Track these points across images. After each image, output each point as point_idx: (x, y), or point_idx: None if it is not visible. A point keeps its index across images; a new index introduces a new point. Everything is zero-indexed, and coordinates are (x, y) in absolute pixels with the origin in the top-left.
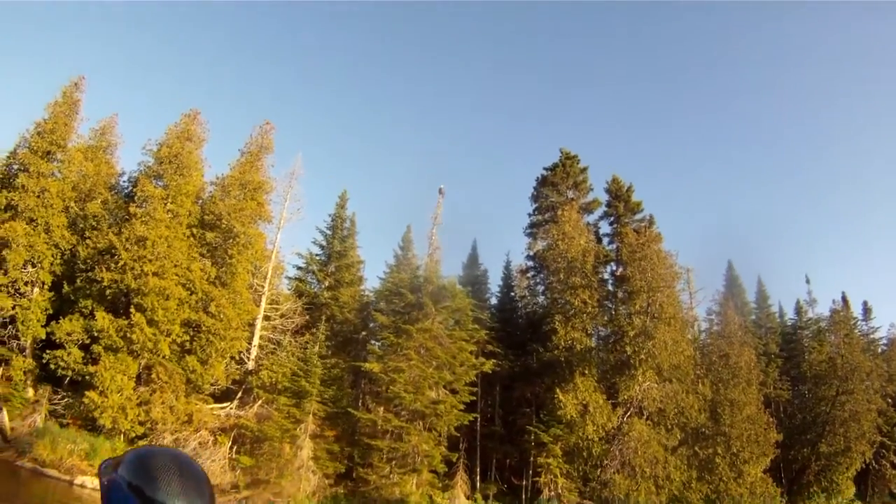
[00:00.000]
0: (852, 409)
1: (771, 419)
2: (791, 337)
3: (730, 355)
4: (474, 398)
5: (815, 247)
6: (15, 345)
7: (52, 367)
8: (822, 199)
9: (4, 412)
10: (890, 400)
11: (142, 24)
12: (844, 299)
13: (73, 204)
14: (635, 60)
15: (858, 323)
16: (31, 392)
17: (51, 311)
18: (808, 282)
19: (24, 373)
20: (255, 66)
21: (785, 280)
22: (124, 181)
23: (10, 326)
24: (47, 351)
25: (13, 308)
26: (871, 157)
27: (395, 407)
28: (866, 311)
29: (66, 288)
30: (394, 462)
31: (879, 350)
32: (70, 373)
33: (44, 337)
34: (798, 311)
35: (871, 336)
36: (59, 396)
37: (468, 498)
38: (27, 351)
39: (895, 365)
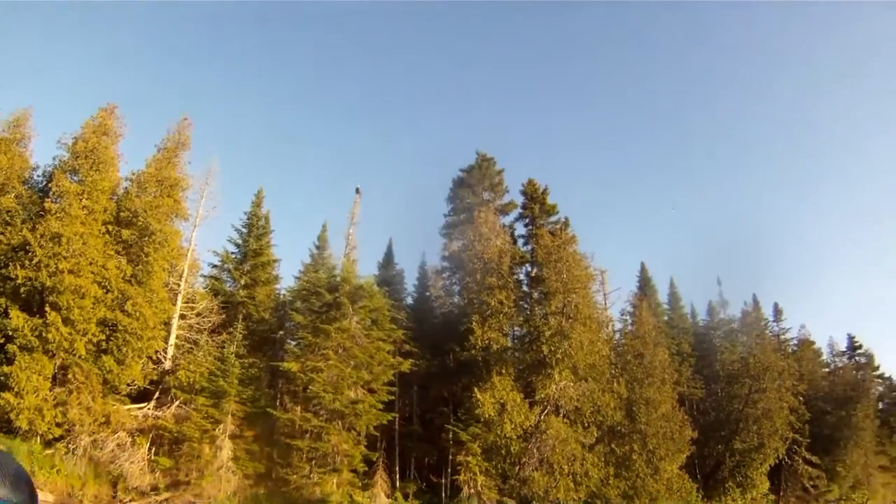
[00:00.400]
0: (765, 406)
1: (686, 417)
2: (703, 337)
3: (644, 355)
4: (392, 398)
5: (728, 249)
6: None
7: None
8: (734, 202)
9: None
10: (801, 398)
11: (59, 16)
12: (755, 301)
13: None
14: (550, 59)
15: (770, 324)
16: None
17: None
18: (719, 283)
19: None
20: (171, 62)
21: (697, 282)
22: (38, 175)
23: None
24: None
25: None
26: (784, 159)
27: (315, 406)
28: (777, 312)
29: None
30: (314, 462)
31: (790, 350)
32: None
33: None
34: (710, 311)
35: (783, 336)
36: None
37: (388, 497)
38: None
39: (805, 364)
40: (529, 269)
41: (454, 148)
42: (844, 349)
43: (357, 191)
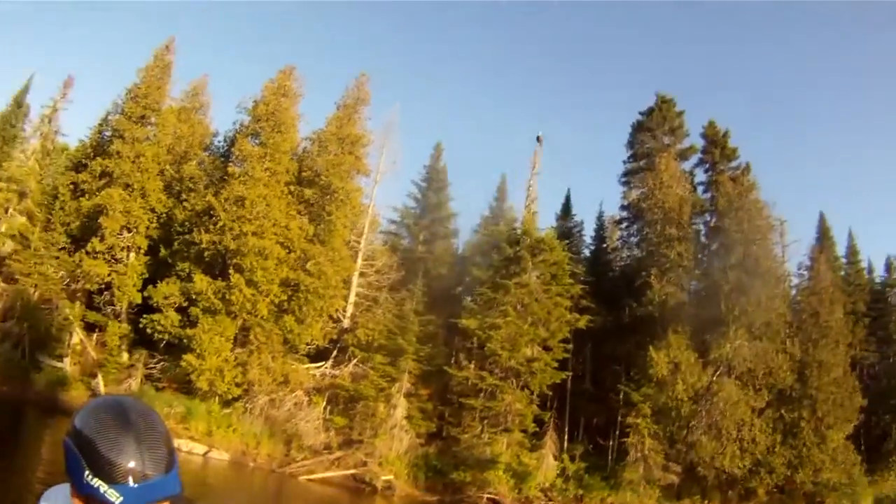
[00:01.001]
0: None
1: (856, 383)
2: (880, 295)
3: (820, 314)
4: (567, 355)
5: None
6: (110, 311)
7: (149, 331)
8: None
9: (99, 377)
10: None
11: None
12: None
13: (168, 167)
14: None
15: None
16: (125, 357)
17: (146, 276)
18: None
19: (120, 338)
20: (344, 16)
21: (877, 235)
22: (219, 141)
23: (105, 293)
24: (144, 315)
25: (109, 275)
26: None
27: (490, 364)
28: None
29: (162, 251)
30: (486, 421)
31: None
32: (167, 336)
33: (139, 302)
34: (889, 267)
35: None
36: (155, 360)
37: (556, 458)
38: (122, 316)
39: None
40: (708, 218)
41: (635, 91)
42: None
43: (538, 139)
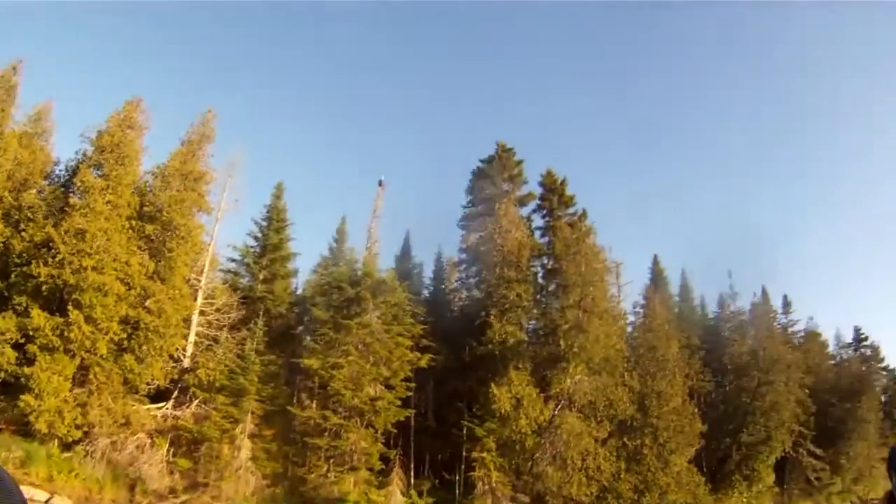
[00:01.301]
0: (773, 399)
1: (695, 410)
2: (713, 329)
3: (657, 348)
4: (409, 394)
5: (738, 242)
6: None
7: None
8: (744, 198)
9: None
10: (807, 390)
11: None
12: (765, 293)
13: (6, 194)
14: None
15: (778, 316)
16: None
17: None
18: (730, 276)
19: None
20: (191, 55)
21: (707, 274)
22: (60, 170)
23: None
24: None
25: None
26: (792, 156)
27: (334, 404)
28: (786, 304)
29: None
30: (332, 460)
31: (797, 342)
32: (3, 374)
33: None
34: (720, 304)
35: (791, 329)
36: None
37: (404, 494)
38: None
39: (812, 356)
40: (546, 261)
41: (473, 141)
42: (850, 341)
43: (380, 183)
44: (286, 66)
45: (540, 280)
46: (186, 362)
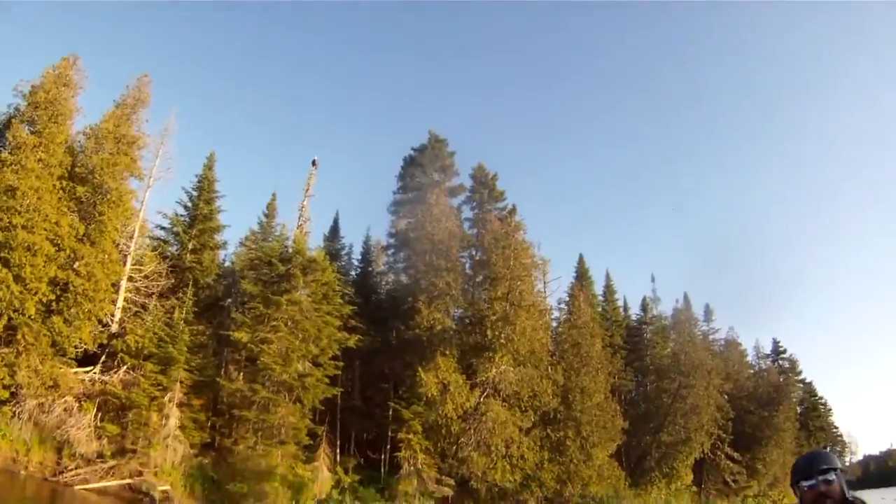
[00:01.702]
0: (693, 402)
1: (617, 407)
2: (635, 331)
3: (581, 345)
4: (338, 372)
5: (660, 247)
6: None
7: None
8: (669, 203)
9: None
10: (726, 396)
11: None
12: (686, 299)
13: None
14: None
15: (700, 323)
16: None
17: None
18: (653, 280)
19: None
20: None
21: (630, 276)
22: None
23: None
24: None
25: None
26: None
27: (262, 378)
28: (707, 312)
29: None
30: (260, 433)
31: (718, 349)
32: None
33: None
34: (644, 307)
35: (711, 336)
36: None
37: (330, 470)
38: None
39: (731, 364)
40: (474, 253)
41: (406, 127)
42: (769, 352)
43: (314, 163)
44: (228, 39)
45: (468, 270)
46: (114, 328)
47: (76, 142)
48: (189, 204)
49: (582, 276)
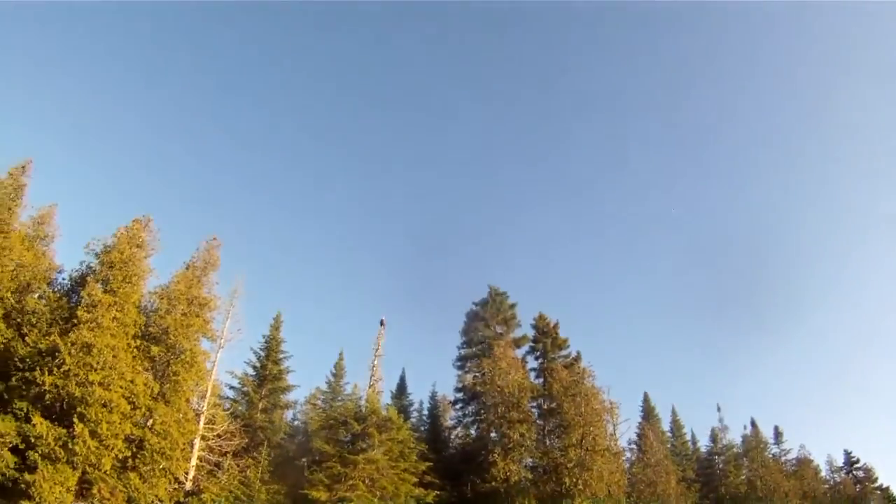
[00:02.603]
0: None
1: None
2: (707, 462)
3: (656, 483)
4: None
5: (723, 377)
6: None
7: None
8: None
9: None
10: None
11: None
12: (754, 424)
13: (9, 294)
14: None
15: (770, 446)
16: None
17: None
18: (719, 410)
19: None
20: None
21: (696, 409)
22: (63, 278)
23: None
24: None
25: None
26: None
27: None
28: (777, 434)
29: None
30: None
31: (791, 469)
32: (1, 478)
33: None
34: (713, 437)
35: (783, 458)
36: None
37: None
38: None
39: (806, 482)
40: (542, 402)
41: (462, 284)
42: (842, 464)
43: (381, 322)
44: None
45: (537, 420)
46: (188, 485)
47: (149, 301)
48: (258, 364)
49: (648, 413)
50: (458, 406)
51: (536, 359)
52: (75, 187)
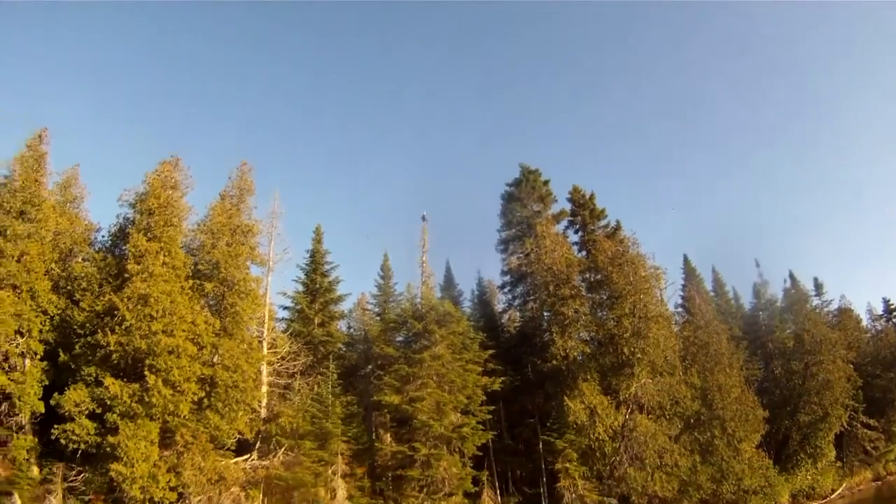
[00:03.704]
0: (824, 378)
1: (755, 398)
2: (751, 319)
3: (709, 344)
4: (489, 416)
5: (760, 232)
6: (12, 423)
7: (63, 441)
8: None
9: (16, 496)
10: (851, 365)
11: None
12: (793, 278)
13: (53, 265)
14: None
15: (812, 298)
16: (35, 471)
17: (46, 383)
18: (758, 265)
19: (27, 451)
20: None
21: (735, 266)
22: (103, 236)
23: (4, 403)
24: (55, 426)
25: (5, 385)
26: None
27: (422, 435)
28: (817, 286)
29: (62, 356)
30: (426, 489)
31: (833, 321)
32: (83, 445)
33: (43, 411)
34: (755, 293)
35: (825, 309)
36: (74, 472)
37: None
38: (26, 428)
39: (849, 333)
40: (589, 275)
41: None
42: (882, 313)
43: (423, 218)
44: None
45: (586, 294)
46: (263, 413)
47: (192, 240)
48: (306, 280)
49: (690, 275)
50: (506, 290)
51: (576, 232)
52: (86, 143)
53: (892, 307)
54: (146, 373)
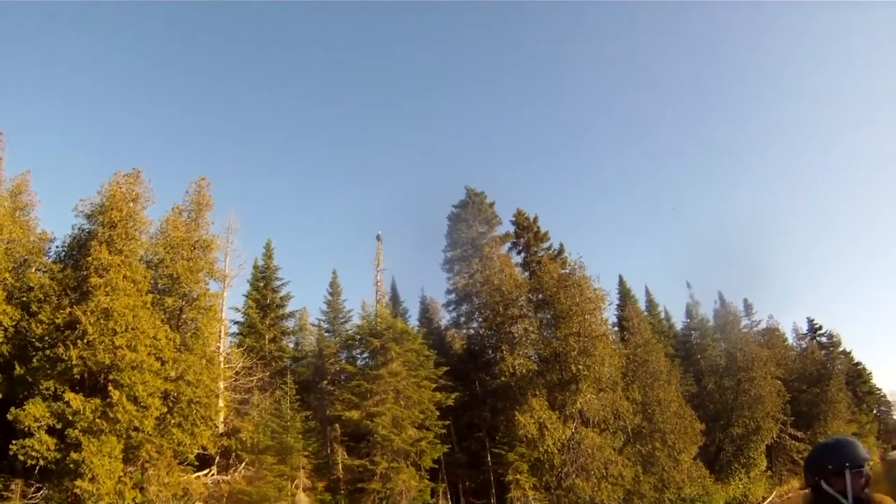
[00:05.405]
0: (756, 393)
1: (692, 412)
2: (683, 338)
3: (649, 361)
4: (444, 431)
5: (691, 255)
6: None
7: (22, 457)
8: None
9: None
10: (779, 381)
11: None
12: (722, 298)
13: (7, 274)
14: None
15: (741, 318)
16: None
17: (0, 396)
18: (689, 286)
19: None
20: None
21: (667, 287)
22: (58, 246)
23: None
24: (13, 441)
25: None
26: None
27: (381, 450)
28: (747, 307)
29: (18, 369)
30: (384, 501)
31: (762, 339)
32: (42, 461)
33: None
34: (688, 313)
35: (755, 329)
36: (33, 489)
37: None
38: None
39: (777, 350)
40: (531, 296)
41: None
42: (807, 331)
43: (378, 237)
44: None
45: (531, 314)
46: (221, 428)
47: (153, 254)
48: (258, 296)
49: (625, 295)
50: (450, 308)
51: (519, 253)
52: (37, 151)
53: (816, 326)
54: (110, 388)
